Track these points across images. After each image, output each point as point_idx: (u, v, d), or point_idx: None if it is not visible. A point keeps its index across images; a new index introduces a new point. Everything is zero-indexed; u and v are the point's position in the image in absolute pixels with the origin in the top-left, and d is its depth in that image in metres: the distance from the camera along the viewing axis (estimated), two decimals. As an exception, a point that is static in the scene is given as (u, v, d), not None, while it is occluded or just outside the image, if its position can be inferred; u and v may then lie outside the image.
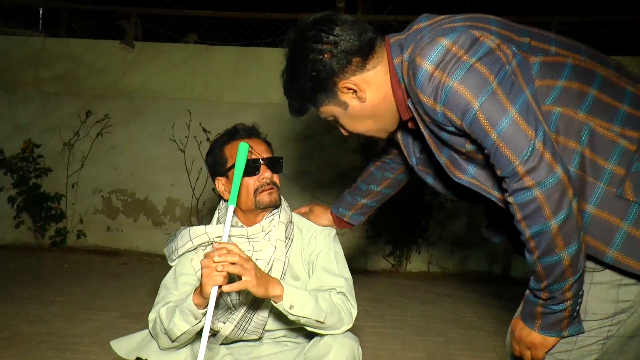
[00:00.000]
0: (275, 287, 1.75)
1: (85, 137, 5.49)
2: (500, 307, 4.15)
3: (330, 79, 1.46)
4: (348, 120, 1.56)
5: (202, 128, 5.30)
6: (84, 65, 5.55)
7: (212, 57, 5.49)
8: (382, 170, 2.04)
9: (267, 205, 1.93)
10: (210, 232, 1.96)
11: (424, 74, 1.32)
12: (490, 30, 1.36)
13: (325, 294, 1.88)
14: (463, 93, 1.28)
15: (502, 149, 1.28)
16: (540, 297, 1.38)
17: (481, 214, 5.10)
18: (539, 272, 1.35)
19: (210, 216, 5.39)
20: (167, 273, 2.11)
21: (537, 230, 1.30)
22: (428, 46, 1.32)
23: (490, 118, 1.28)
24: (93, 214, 5.57)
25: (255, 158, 1.93)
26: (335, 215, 2.13)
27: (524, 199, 1.28)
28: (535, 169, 1.25)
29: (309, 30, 1.47)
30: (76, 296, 3.90)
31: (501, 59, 1.30)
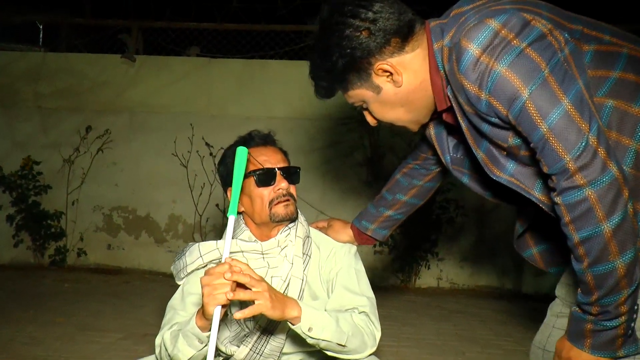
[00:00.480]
0: (292, 309, 1.60)
1: (86, 153, 5.37)
2: (515, 324, 4.02)
3: (366, 58, 1.35)
4: (379, 107, 1.45)
5: (205, 142, 5.18)
6: (84, 80, 5.45)
7: (215, 70, 5.40)
8: (409, 178, 1.93)
9: (283, 218, 1.81)
10: (221, 247, 1.82)
11: (470, 58, 1.21)
12: (541, 14, 1.25)
13: (346, 315, 1.74)
14: (512, 80, 1.18)
15: (552, 142, 1.17)
16: (590, 312, 1.25)
17: (491, 229, 5.01)
18: (589, 282, 1.22)
19: (213, 233, 5.30)
20: (170, 294, 1.97)
21: (588, 235, 1.18)
22: (475, 28, 1.21)
23: (540, 108, 1.17)
24: (94, 232, 5.44)
25: (270, 167, 1.81)
26: (357, 228, 2.00)
27: (574, 198, 1.17)
28: (588, 166, 1.14)
29: (346, 4, 1.35)
30: (77, 317, 3.76)
31: (553, 45, 1.19)
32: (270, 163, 1.81)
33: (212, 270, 1.53)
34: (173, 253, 5.26)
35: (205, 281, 1.52)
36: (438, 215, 5.01)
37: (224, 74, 5.39)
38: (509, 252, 5.03)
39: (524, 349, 3.42)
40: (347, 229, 2.00)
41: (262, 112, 5.30)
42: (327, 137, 5.24)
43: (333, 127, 5.22)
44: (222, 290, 1.49)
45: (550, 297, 4.62)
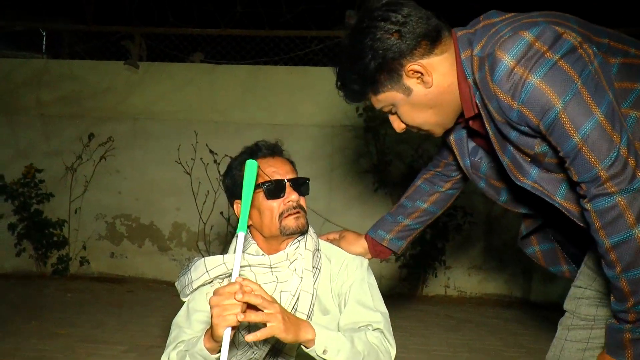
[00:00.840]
0: (306, 331, 1.53)
1: (88, 161, 5.32)
2: (525, 334, 3.96)
3: (397, 60, 1.38)
4: (408, 109, 1.47)
5: (209, 149, 5.13)
6: (86, 87, 5.40)
7: (219, 77, 5.35)
8: (430, 184, 1.92)
9: (293, 231, 1.74)
10: (229, 262, 1.74)
11: (504, 69, 1.25)
12: (571, 27, 1.27)
13: (361, 333, 1.67)
14: (545, 91, 1.21)
15: (585, 153, 1.21)
16: (627, 320, 1.26)
17: (499, 236, 4.97)
18: (623, 288, 1.24)
19: (218, 241, 5.24)
20: (175, 303, 1.90)
21: (619, 240, 1.21)
22: (510, 40, 1.25)
23: (573, 119, 1.21)
24: (97, 240, 5.38)
25: (280, 179, 1.75)
26: (372, 239, 1.95)
27: (604, 205, 1.21)
28: (619, 174, 1.19)
29: (376, 10, 1.39)
30: (80, 328, 3.71)
31: (583, 58, 1.22)
32: (279, 174, 1.76)
33: (221, 290, 1.46)
34: (177, 261, 5.24)
35: (215, 301, 1.45)
36: (445, 222, 4.94)
37: (228, 80, 5.34)
38: (517, 260, 4.97)
39: (536, 360, 3.36)
40: (360, 240, 1.95)
41: (267, 119, 5.25)
42: (333, 143, 5.18)
43: (338, 133, 5.17)
44: (233, 311, 1.42)
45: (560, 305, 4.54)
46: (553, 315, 4.48)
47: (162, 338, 3.54)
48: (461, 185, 1.93)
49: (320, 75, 5.21)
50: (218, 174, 5.12)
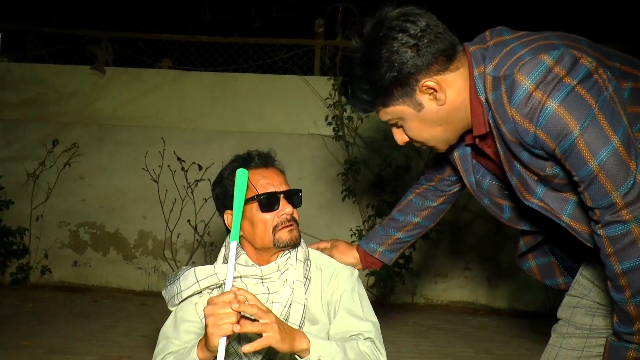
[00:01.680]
0: (301, 341, 1.54)
1: (52, 167, 5.18)
2: (492, 340, 4.02)
3: (413, 74, 1.35)
4: (417, 124, 1.44)
5: (176, 157, 5.07)
6: (51, 91, 5.28)
7: (187, 83, 5.29)
8: (422, 199, 1.92)
9: (287, 244, 1.74)
10: (220, 273, 1.74)
11: (524, 93, 1.24)
12: (586, 51, 1.28)
13: (352, 342, 1.68)
14: (563, 116, 1.21)
15: (602, 179, 1.21)
16: (632, 341, 1.28)
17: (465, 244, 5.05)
18: (631, 312, 1.25)
19: (184, 249, 5.18)
20: (142, 313, 1.87)
21: (631, 266, 1.22)
22: (530, 63, 1.24)
23: (590, 146, 1.21)
24: (59, 249, 5.23)
25: (274, 191, 1.74)
26: (364, 251, 1.96)
27: (618, 232, 1.22)
28: (634, 202, 1.20)
29: (393, 19, 1.36)
30: (45, 339, 3.58)
31: (599, 83, 1.23)
32: (273, 186, 1.75)
33: (216, 299, 1.46)
34: (142, 270, 5.15)
35: (209, 311, 1.44)
36: (413, 231, 4.98)
37: (197, 86, 5.29)
38: (482, 268, 5.06)
39: (506, 366, 3.42)
40: (352, 251, 1.96)
41: (235, 127, 5.22)
42: (302, 152, 5.18)
43: (307, 142, 5.18)
44: (228, 321, 1.43)
45: (523, 312, 4.64)
46: (518, 322, 4.59)
47: (131, 348, 3.47)
48: (453, 199, 1.94)
49: (289, 83, 5.23)
50: (185, 181, 5.08)
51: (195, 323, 1.76)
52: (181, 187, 5.08)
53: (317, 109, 5.10)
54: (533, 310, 4.89)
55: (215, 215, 5.06)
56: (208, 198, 5.06)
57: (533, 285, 4.84)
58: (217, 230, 5.13)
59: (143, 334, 3.79)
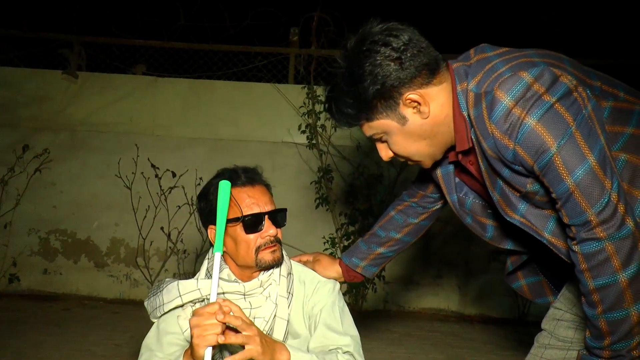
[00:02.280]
0: (281, 353, 1.57)
1: (22, 173, 5.09)
2: (465, 347, 4.09)
3: (396, 88, 1.36)
4: (401, 139, 1.44)
5: (150, 164, 5.04)
6: (21, 96, 5.19)
7: (161, 89, 5.26)
8: (404, 215, 1.93)
9: (269, 265, 1.75)
10: (203, 288, 1.75)
11: (503, 110, 1.26)
12: (566, 69, 1.30)
13: (332, 356, 1.70)
14: (541, 133, 1.23)
15: (577, 197, 1.23)
16: (602, 356, 1.31)
17: (436, 252, 5.12)
18: (602, 328, 1.28)
19: (157, 257, 5.14)
20: (114, 322, 1.86)
21: (604, 283, 1.25)
22: (509, 80, 1.26)
23: (567, 163, 1.23)
24: (28, 256, 5.14)
25: (259, 212, 1.73)
26: (347, 265, 1.99)
27: (592, 249, 1.24)
28: (609, 220, 1.22)
29: (377, 34, 1.37)
30: (14, 349, 3.53)
31: (578, 101, 1.25)
32: (259, 206, 1.73)
33: (201, 310, 1.48)
34: (114, 278, 5.10)
35: (195, 322, 1.47)
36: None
37: (170, 93, 5.27)
38: (453, 275, 5.15)
39: (478, 373, 3.49)
40: (334, 265, 1.98)
41: (209, 134, 5.22)
42: (275, 159, 5.20)
43: (280, 149, 5.20)
44: (213, 331, 1.46)
45: (493, 318, 4.72)
46: (488, 329, 4.67)
47: (105, 357, 3.44)
48: (435, 216, 1.96)
49: (263, 91, 5.24)
50: (159, 189, 5.05)
51: (178, 335, 1.77)
52: (154, 194, 5.05)
53: (290, 117, 5.13)
54: (502, 317, 4.99)
55: (189, 222, 5.05)
56: (182, 205, 5.05)
57: (502, 293, 4.95)
58: (191, 238, 5.11)
59: (116, 343, 3.75)
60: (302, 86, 5.14)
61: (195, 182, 5.02)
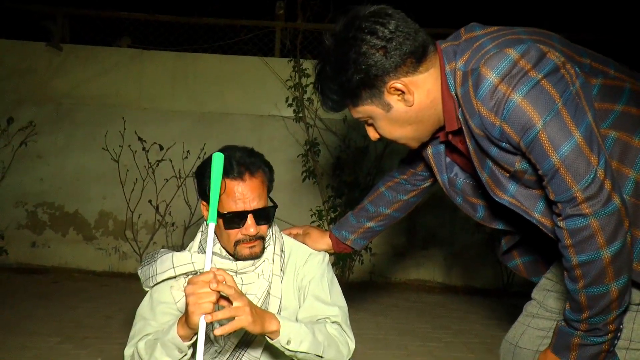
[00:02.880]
0: (271, 323, 1.59)
1: (7, 147, 5.07)
2: (449, 317, 4.18)
3: (380, 77, 1.36)
4: (386, 124, 1.46)
5: (137, 137, 5.03)
6: (3, 68, 5.14)
7: (146, 63, 5.24)
8: (394, 192, 1.95)
9: (246, 258, 1.76)
10: (196, 262, 1.77)
11: (489, 86, 1.25)
12: (555, 47, 1.30)
13: (320, 325, 1.73)
14: (527, 110, 1.23)
15: (562, 173, 1.23)
16: (579, 329, 1.34)
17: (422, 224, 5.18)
18: (582, 302, 1.31)
19: (145, 230, 5.17)
20: (104, 294, 1.87)
21: (587, 259, 1.26)
22: (495, 57, 1.25)
23: (552, 139, 1.22)
24: (16, 229, 5.14)
25: (242, 210, 1.69)
26: (337, 238, 2.02)
27: (577, 225, 1.24)
28: (594, 197, 1.22)
29: (363, 20, 1.35)
30: (6, 321, 3.56)
31: (565, 78, 1.25)
32: (243, 203, 1.69)
33: (195, 279, 1.51)
34: (103, 251, 5.13)
35: (190, 290, 1.50)
36: (372, 211, 5.11)
37: (156, 66, 5.24)
38: (439, 247, 5.23)
39: (462, 340, 3.58)
40: (325, 237, 2.01)
41: (195, 107, 5.22)
42: (261, 133, 5.21)
43: (267, 123, 5.21)
44: (208, 299, 1.48)
45: (478, 289, 4.80)
46: (473, 299, 4.75)
47: (95, 329, 3.48)
48: (425, 193, 1.97)
49: (250, 65, 5.23)
50: (147, 161, 5.05)
51: (171, 305, 1.79)
52: (142, 167, 5.05)
53: (277, 90, 5.13)
54: (487, 288, 5.10)
55: (177, 195, 5.08)
56: (170, 178, 5.06)
57: (487, 264, 5.05)
58: (179, 211, 5.13)
59: (107, 315, 3.80)
60: (288, 60, 5.13)
61: (182, 155, 5.03)
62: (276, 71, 5.13)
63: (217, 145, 1.88)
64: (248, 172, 1.71)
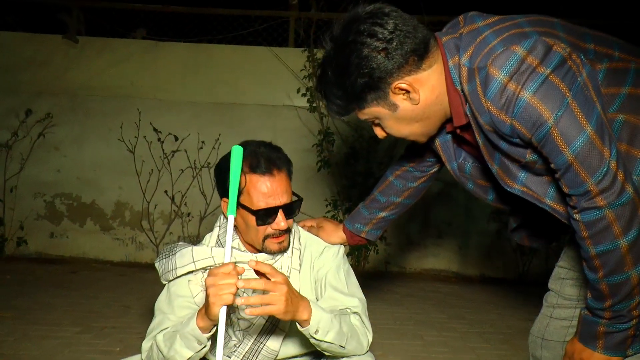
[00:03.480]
0: (303, 312, 1.60)
1: (25, 138, 5.13)
2: (464, 307, 4.18)
3: (384, 78, 1.35)
4: (394, 123, 1.45)
5: (152, 128, 5.07)
6: (21, 60, 5.19)
7: (161, 54, 5.26)
8: (403, 180, 1.95)
9: (275, 253, 1.79)
10: (216, 256, 1.79)
11: (498, 86, 1.25)
12: (559, 36, 1.30)
13: (345, 316, 1.76)
14: (537, 107, 1.23)
15: (576, 167, 1.24)
16: (603, 317, 1.36)
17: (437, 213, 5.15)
18: (603, 290, 1.32)
19: (162, 220, 5.21)
20: (121, 283, 1.89)
21: (605, 249, 1.27)
22: (502, 55, 1.25)
23: (564, 135, 1.23)
24: (35, 220, 5.22)
25: (273, 207, 1.71)
26: (350, 231, 2.03)
27: (593, 217, 1.26)
28: (609, 189, 1.23)
29: (361, 23, 1.34)
30: (26, 311, 3.61)
31: (573, 70, 1.25)
32: (274, 199, 1.71)
33: (216, 270, 1.52)
34: (120, 241, 5.18)
35: (211, 282, 1.51)
36: (386, 201, 5.12)
37: (171, 57, 5.26)
38: (454, 236, 5.23)
39: (478, 330, 3.58)
40: (338, 231, 2.01)
41: (209, 97, 5.23)
42: (276, 123, 5.22)
43: (281, 113, 5.22)
44: (229, 291, 1.49)
45: (493, 278, 4.76)
46: (488, 289, 4.71)
47: (114, 319, 3.52)
48: (433, 178, 1.97)
49: (263, 55, 5.23)
50: (162, 152, 5.09)
51: (189, 298, 1.81)
52: (157, 157, 5.10)
53: (291, 80, 5.13)
54: (502, 277, 5.09)
55: (192, 186, 5.11)
56: (185, 169, 5.10)
57: (502, 253, 5.04)
58: (194, 201, 5.17)
59: (125, 304, 3.84)
60: (302, 50, 5.13)
61: (197, 145, 5.06)
62: (290, 61, 5.13)
63: (232, 135, 1.90)
64: (275, 167, 1.72)
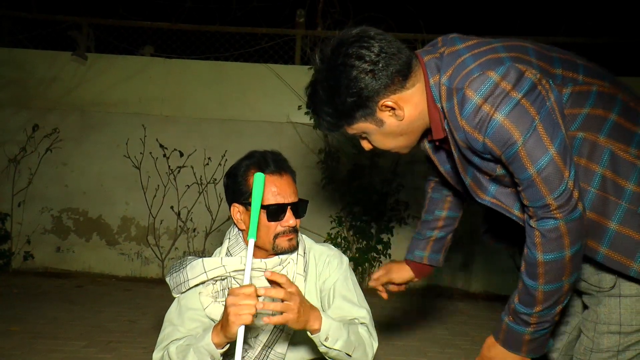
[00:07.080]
0: (314, 321, 1.65)
1: (33, 153, 5.20)
2: (469, 324, 4.19)
3: (372, 97, 1.44)
4: (380, 137, 1.54)
5: (158, 144, 5.12)
6: (30, 77, 5.27)
7: (169, 71, 5.33)
8: (439, 191, 2.01)
9: (285, 251, 1.83)
10: (228, 265, 1.82)
11: (473, 106, 1.35)
12: (531, 62, 1.40)
13: (353, 326, 1.79)
14: (509, 128, 1.33)
15: (538, 184, 1.35)
16: (529, 322, 1.45)
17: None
18: (538, 297, 1.42)
19: (167, 235, 5.25)
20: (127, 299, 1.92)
21: (553, 257, 1.38)
22: (478, 79, 1.35)
23: (531, 155, 1.34)
24: (42, 234, 5.27)
25: (283, 203, 1.78)
26: (413, 262, 2.07)
27: (549, 226, 1.37)
28: (565, 205, 1.35)
29: (349, 46, 1.43)
30: (32, 325, 3.65)
31: (542, 95, 1.35)
32: (283, 197, 1.78)
33: (237, 291, 1.56)
34: (126, 256, 5.21)
35: (231, 301, 1.54)
36: (390, 217, 5.15)
37: (178, 74, 5.33)
38: (459, 252, 5.23)
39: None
40: (404, 267, 2.08)
41: (217, 114, 5.30)
42: (282, 139, 5.27)
43: (287, 129, 5.27)
44: (249, 311, 1.53)
45: (498, 296, 4.76)
46: (493, 306, 4.73)
47: (120, 333, 3.56)
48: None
49: (270, 72, 5.30)
50: (168, 168, 5.14)
51: (199, 311, 1.84)
52: (163, 173, 5.15)
53: (296, 97, 5.19)
54: (507, 294, 5.05)
55: (198, 202, 5.15)
56: (191, 185, 5.14)
57: (507, 270, 5.03)
58: (200, 217, 5.21)
59: (130, 319, 3.87)
60: (308, 67, 5.19)
61: (203, 162, 5.11)
62: (296, 79, 5.18)
63: (238, 151, 1.95)
64: (283, 169, 1.81)
